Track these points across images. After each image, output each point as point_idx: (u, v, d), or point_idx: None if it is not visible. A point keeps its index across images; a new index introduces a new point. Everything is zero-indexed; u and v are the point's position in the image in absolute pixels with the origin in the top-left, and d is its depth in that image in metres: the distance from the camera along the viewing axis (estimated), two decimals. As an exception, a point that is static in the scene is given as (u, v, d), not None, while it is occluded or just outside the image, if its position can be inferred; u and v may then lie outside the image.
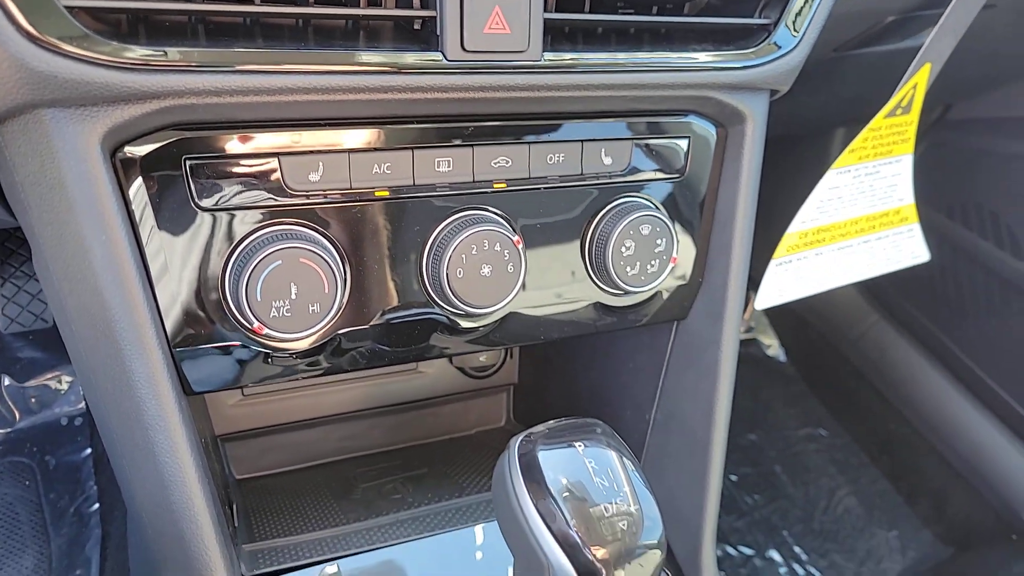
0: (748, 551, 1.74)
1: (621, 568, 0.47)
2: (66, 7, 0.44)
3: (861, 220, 1.02)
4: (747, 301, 2.20)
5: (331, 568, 0.69)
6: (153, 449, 0.54)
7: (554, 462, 0.49)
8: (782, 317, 2.11)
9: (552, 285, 0.66)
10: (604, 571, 0.47)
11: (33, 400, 1.51)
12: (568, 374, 0.88)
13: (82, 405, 1.53)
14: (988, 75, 1.48)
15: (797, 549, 1.76)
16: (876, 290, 1.89)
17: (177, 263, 0.54)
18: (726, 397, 0.74)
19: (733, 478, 1.85)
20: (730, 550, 1.73)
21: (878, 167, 0.98)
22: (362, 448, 0.92)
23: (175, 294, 0.54)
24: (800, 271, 0.99)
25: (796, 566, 1.73)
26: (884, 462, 1.93)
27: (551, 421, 0.53)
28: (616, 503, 0.48)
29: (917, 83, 0.90)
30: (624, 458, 0.51)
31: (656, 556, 0.48)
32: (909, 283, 1.80)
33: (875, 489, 1.89)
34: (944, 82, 1.47)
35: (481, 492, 0.80)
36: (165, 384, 0.54)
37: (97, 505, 1.43)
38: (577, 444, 0.50)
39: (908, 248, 1.10)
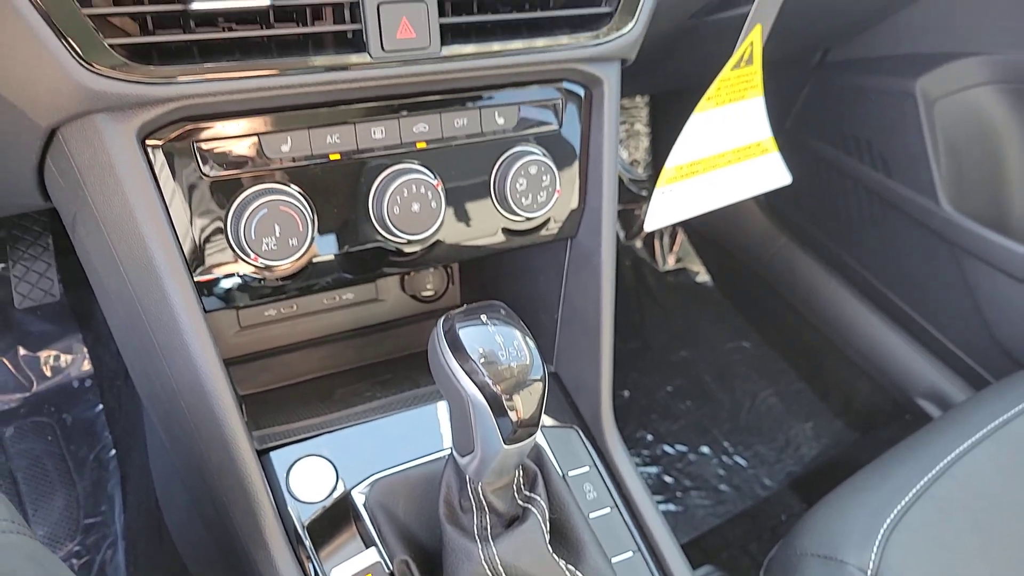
0: (683, 448, 2.00)
1: (517, 394, 0.71)
2: (110, 45, 0.65)
3: (727, 154, 1.26)
4: (674, 237, 2.43)
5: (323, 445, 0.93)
6: (188, 347, 0.77)
7: (472, 336, 0.72)
8: (706, 248, 2.37)
9: (468, 215, 0.89)
10: (504, 396, 0.70)
11: (46, 367, 1.72)
12: (496, 293, 1.12)
13: (90, 368, 1.73)
14: (847, 22, 1.72)
15: (726, 443, 2.03)
16: (782, 215, 2.14)
17: (194, 216, 0.76)
18: (609, 291, 0.98)
19: (669, 389, 2.12)
20: (668, 449, 1.99)
21: (735, 109, 1.22)
22: (338, 366, 1.15)
23: (194, 238, 0.76)
24: (680, 197, 1.23)
25: (725, 458, 2.00)
26: (801, 366, 2.21)
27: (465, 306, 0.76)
28: (514, 362, 0.72)
29: (753, 41, 1.13)
30: (519, 331, 0.74)
31: (539, 387, 0.72)
32: (809, 206, 2.06)
33: (793, 390, 2.17)
34: (813, 30, 1.71)
35: (432, 385, 1.03)
36: (192, 300, 0.76)
37: (114, 451, 1.65)
38: (487, 323, 0.73)
39: (771, 173, 1.34)
